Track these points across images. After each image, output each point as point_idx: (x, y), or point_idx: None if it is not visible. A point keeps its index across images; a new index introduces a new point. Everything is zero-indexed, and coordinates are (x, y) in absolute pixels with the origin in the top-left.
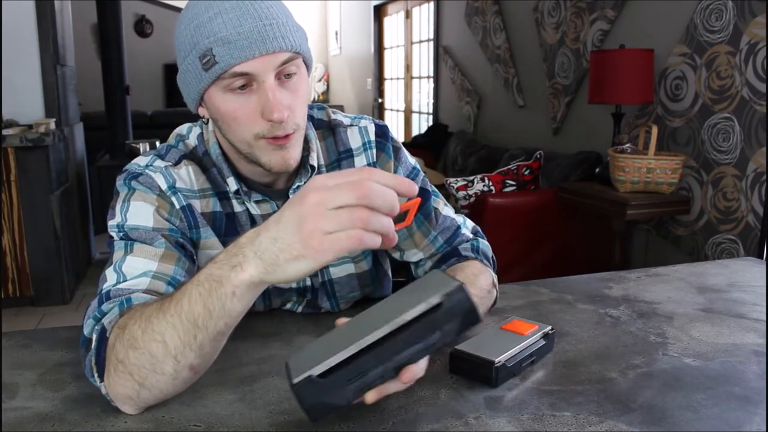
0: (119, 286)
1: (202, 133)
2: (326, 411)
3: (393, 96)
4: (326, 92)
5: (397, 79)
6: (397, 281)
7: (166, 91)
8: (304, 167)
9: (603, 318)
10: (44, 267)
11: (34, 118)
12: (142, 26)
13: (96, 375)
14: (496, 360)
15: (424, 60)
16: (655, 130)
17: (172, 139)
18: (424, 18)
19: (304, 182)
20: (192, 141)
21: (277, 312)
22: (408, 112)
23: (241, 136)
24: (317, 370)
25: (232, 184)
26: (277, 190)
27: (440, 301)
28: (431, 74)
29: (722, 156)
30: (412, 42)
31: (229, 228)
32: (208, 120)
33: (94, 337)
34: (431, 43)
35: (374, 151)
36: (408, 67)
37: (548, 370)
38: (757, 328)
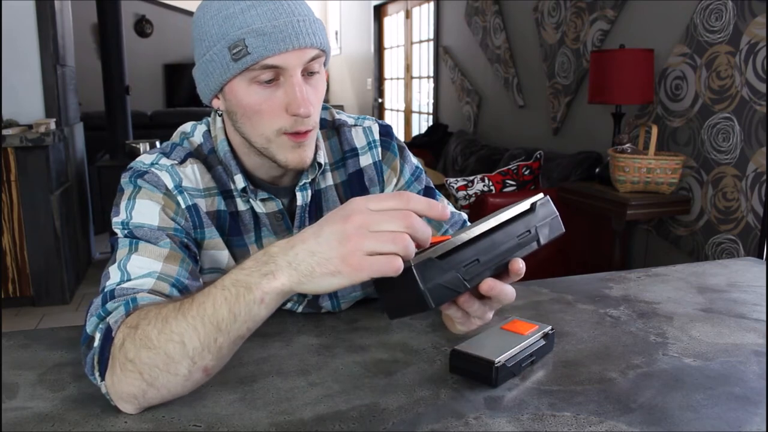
0: (123, 285)
1: (208, 131)
2: (444, 295)
3: (393, 96)
4: (326, 92)
5: (397, 79)
6: None
7: (166, 91)
8: (311, 164)
9: (603, 318)
10: (44, 267)
11: (34, 118)
12: (142, 26)
13: (97, 373)
14: (496, 360)
15: (424, 60)
16: (655, 130)
17: (176, 137)
18: (424, 18)
19: (311, 179)
20: (197, 139)
21: (277, 312)
22: (408, 112)
23: (261, 131)
24: (435, 254)
25: (240, 182)
26: (282, 187)
27: (530, 207)
28: (431, 74)
29: (722, 156)
30: (412, 42)
31: (232, 227)
32: (221, 113)
33: (98, 335)
34: (431, 43)
35: (379, 149)
36: (408, 67)
37: (548, 370)
38: (757, 328)
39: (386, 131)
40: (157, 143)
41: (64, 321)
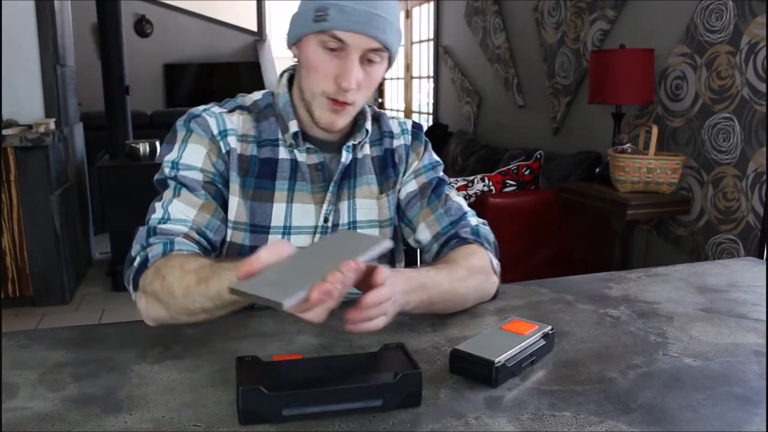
0: (163, 226)
1: (271, 93)
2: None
3: (393, 96)
4: None
5: (397, 79)
6: None
7: (166, 91)
8: (359, 130)
9: (603, 318)
10: (44, 267)
11: (34, 118)
12: (142, 26)
13: (131, 287)
14: (496, 360)
15: (424, 60)
16: (655, 130)
17: (235, 97)
18: (424, 18)
19: (359, 141)
20: (256, 96)
21: (277, 312)
22: (408, 112)
23: (311, 86)
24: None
25: (293, 127)
26: (328, 142)
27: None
28: (431, 74)
29: (722, 156)
30: (412, 42)
31: (262, 171)
32: (296, 58)
33: (138, 260)
34: (431, 43)
35: (409, 136)
36: (408, 67)
37: (548, 370)
38: (757, 328)
39: (418, 126)
40: (157, 143)
41: (64, 321)
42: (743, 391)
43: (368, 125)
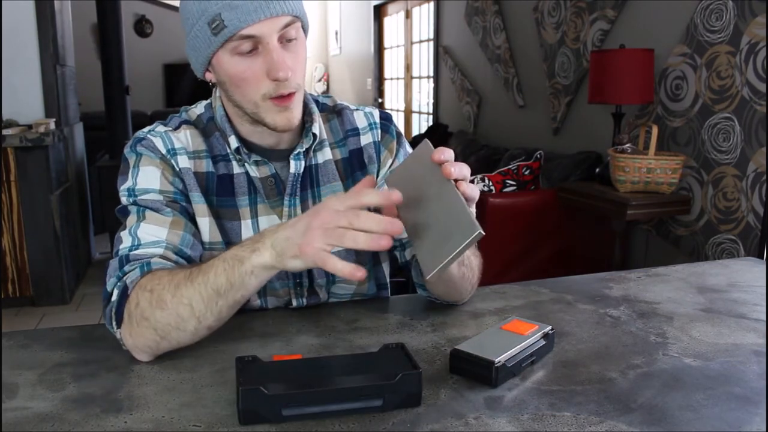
0: (136, 252)
1: (210, 103)
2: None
3: (393, 96)
4: (326, 92)
5: (397, 79)
6: (397, 281)
7: (166, 91)
8: (306, 135)
9: (603, 318)
10: (44, 267)
11: (33, 118)
12: (142, 26)
13: (114, 324)
14: (496, 360)
15: (424, 60)
16: (655, 130)
17: (179, 112)
18: (424, 18)
19: (305, 148)
20: (198, 110)
21: (277, 312)
22: (408, 112)
23: (249, 97)
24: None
25: (233, 143)
26: (278, 151)
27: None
28: (431, 74)
29: (722, 156)
30: (412, 42)
31: (221, 188)
32: (214, 84)
33: (116, 292)
34: (431, 43)
35: (379, 131)
36: (408, 67)
37: (548, 370)
38: (757, 328)
39: (386, 116)
40: None
41: (64, 321)
42: (743, 391)
43: (315, 129)
